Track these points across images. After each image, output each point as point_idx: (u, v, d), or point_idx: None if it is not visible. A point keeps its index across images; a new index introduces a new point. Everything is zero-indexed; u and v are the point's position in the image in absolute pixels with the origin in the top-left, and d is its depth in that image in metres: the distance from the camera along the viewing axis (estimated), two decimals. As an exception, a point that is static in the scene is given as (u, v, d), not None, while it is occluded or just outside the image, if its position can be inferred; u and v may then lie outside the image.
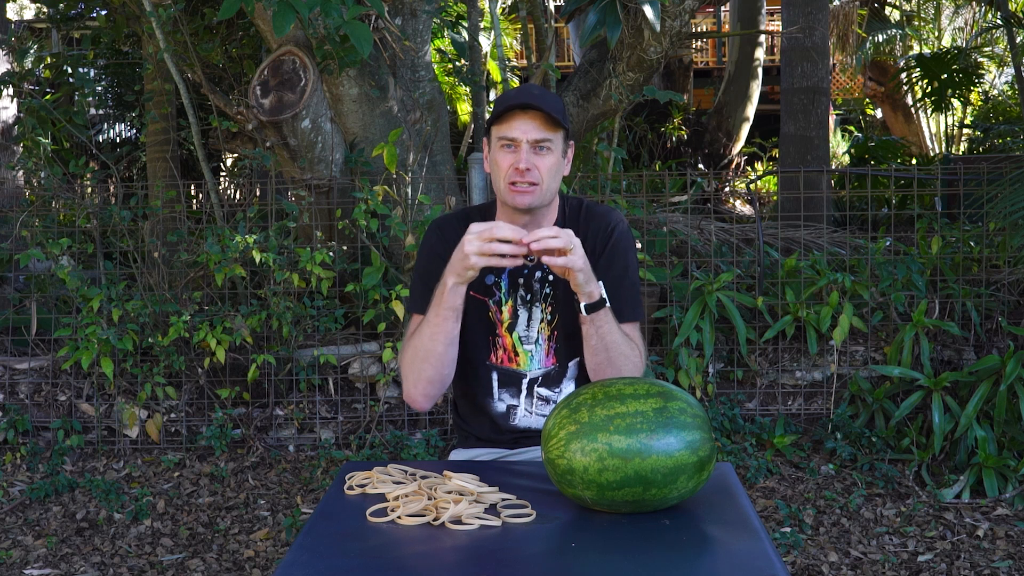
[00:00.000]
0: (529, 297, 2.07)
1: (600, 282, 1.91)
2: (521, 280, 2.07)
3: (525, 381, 2.09)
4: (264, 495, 3.91)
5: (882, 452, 4.01)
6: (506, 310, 2.07)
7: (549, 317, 2.07)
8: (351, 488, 1.79)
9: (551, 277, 2.06)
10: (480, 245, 1.78)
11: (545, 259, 1.81)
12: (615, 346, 1.94)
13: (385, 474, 1.81)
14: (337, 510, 1.70)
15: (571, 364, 2.09)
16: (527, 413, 2.10)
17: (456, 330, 1.94)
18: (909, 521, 3.56)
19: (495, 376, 2.10)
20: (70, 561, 3.42)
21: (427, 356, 1.94)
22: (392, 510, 1.65)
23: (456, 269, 1.85)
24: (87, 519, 3.75)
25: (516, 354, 2.08)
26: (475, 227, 1.80)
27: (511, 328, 2.07)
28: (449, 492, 1.69)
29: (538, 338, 2.07)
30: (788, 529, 3.48)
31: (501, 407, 2.11)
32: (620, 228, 2.08)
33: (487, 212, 2.12)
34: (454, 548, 1.54)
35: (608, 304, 1.91)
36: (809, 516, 3.60)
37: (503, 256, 1.79)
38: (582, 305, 1.90)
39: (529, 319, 2.07)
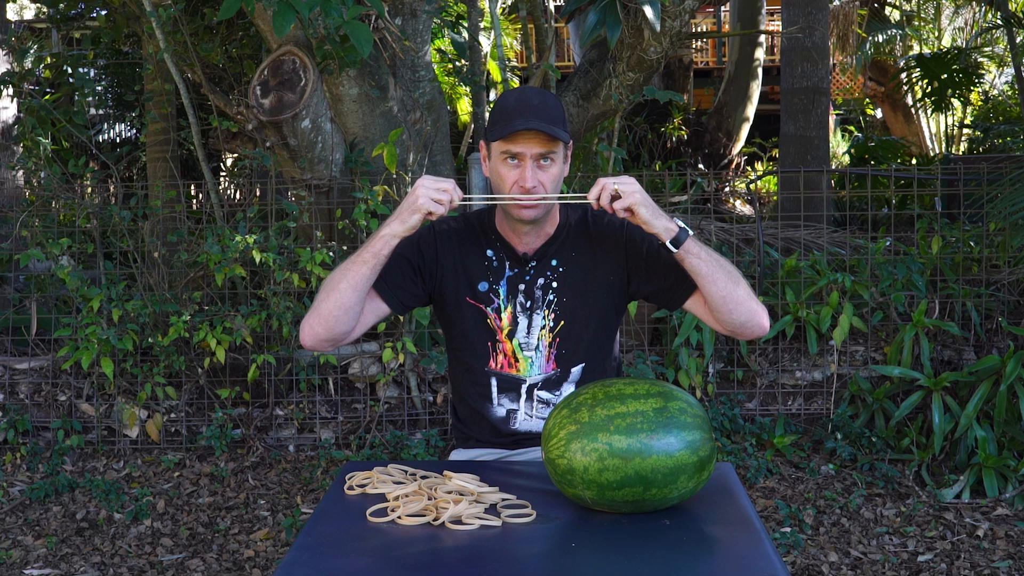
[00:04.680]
0: (529, 304, 2.06)
1: (674, 218, 1.88)
2: (521, 287, 2.06)
3: (524, 386, 2.09)
4: (264, 495, 3.91)
5: (882, 452, 4.01)
6: (505, 317, 2.07)
7: (552, 324, 2.07)
8: (351, 488, 1.79)
9: (555, 284, 2.06)
10: (432, 189, 1.84)
11: (610, 207, 1.85)
12: (723, 263, 1.92)
13: (385, 474, 1.81)
14: (337, 510, 1.70)
15: (574, 370, 2.09)
16: (527, 417, 2.10)
17: (369, 281, 1.92)
18: (909, 521, 3.56)
19: (494, 381, 2.09)
20: (70, 561, 3.42)
21: (331, 289, 1.92)
22: (392, 510, 1.66)
23: (401, 213, 1.87)
24: (87, 519, 3.75)
25: (516, 360, 2.07)
26: (428, 178, 1.87)
27: (511, 335, 2.07)
28: (449, 492, 1.70)
29: (538, 344, 2.07)
30: (788, 529, 3.48)
31: (501, 412, 2.10)
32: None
33: (486, 218, 2.11)
34: (454, 548, 1.54)
35: (691, 232, 1.88)
36: (809, 516, 3.60)
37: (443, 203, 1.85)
38: (667, 243, 1.87)
39: (529, 326, 2.07)
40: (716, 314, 1.94)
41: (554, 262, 2.06)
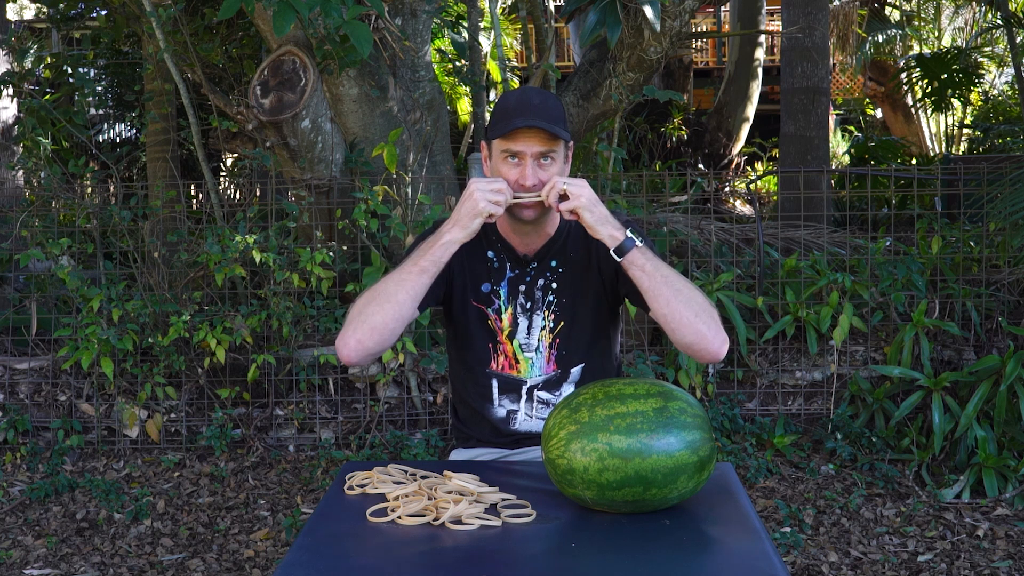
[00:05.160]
0: (529, 305, 2.06)
1: (619, 226, 1.87)
2: (522, 288, 2.06)
3: (525, 387, 2.09)
4: (264, 495, 3.91)
5: (882, 452, 4.01)
6: (506, 318, 2.06)
7: (552, 325, 2.07)
8: (351, 488, 1.79)
9: (554, 285, 2.06)
10: (488, 192, 1.84)
11: (557, 207, 1.88)
12: (673, 280, 1.86)
13: (385, 474, 1.81)
14: (337, 510, 1.70)
15: (573, 370, 2.09)
16: (527, 417, 2.10)
17: (425, 289, 1.88)
18: (909, 521, 3.56)
19: (495, 383, 2.09)
20: (70, 561, 3.42)
21: (385, 300, 1.86)
22: (392, 510, 1.66)
23: (461, 219, 1.86)
24: (87, 519, 3.75)
25: (517, 361, 2.07)
26: (480, 180, 1.87)
27: (511, 336, 2.07)
28: (449, 492, 1.70)
29: (539, 345, 2.07)
30: (788, 529, 3.48)
31: (501, 412, 2.11)
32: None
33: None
34: (454, 548, 1.54)
35: (639, 243, 1.86)
36: (809, 516, 3.60)
37: (500, 203, 1.86)
38: (611, 251, 1.86)
39: (529, 327, 2.07)
40: (663, 329, 1.90)
41: (554, 263, 2.07)
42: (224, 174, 7.26)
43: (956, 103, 9.37)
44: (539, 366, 2.07)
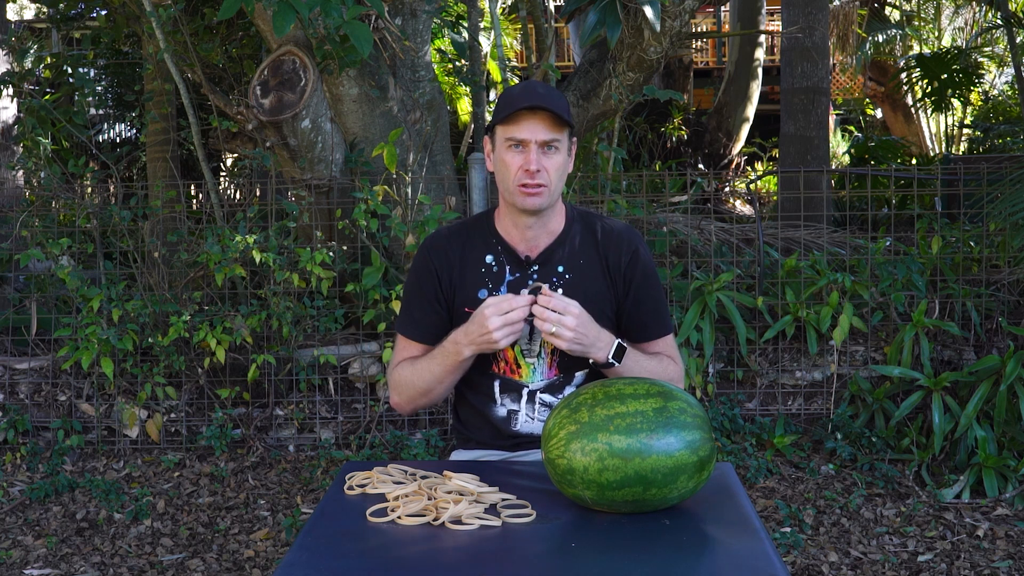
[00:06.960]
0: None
1: (606, 344, 1.94)
2: (524, 292, 2.05)
3: (526, 391, 2.08)
4: (264, 495, 3.91)
5: (882, 452, 4.01)
6: None
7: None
8: (351, 488, 1.79)
9: (559, 291, 2.05)
10: (505, 329, 1.88)
11: (537, 323, 1.90)
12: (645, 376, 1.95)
13: (385, 474, 1.81)
14: (337, 510, 1.70)
15: (577, 374, 2.07)
16: (528, 419, 2.08)
17: (459, 377, 2.04)
18: (909, 521, 3.57)
19: (496, 384, 2.08)
20: (70, 561, 3.42)
21: (426, 394, 2.05)
22: (392, 510, 1.65)
23: (475, 342, 1.92)
24: (87, 519, 3.75)
25: (518, 366, 2.06)
26: (492, 303, 1.88)
27: (513, 342, 2.06)
28: (449, 492, 1.69)
29: (540, 352, 2.06)
30: (788, 529, 3.48)
31: (502, 412, 2.09)
32: (643, 250, 2.09)
33: (486, 221, 2.10)
34: (454, 548, 1.54)
35: (618, 363, 1.95)
36: (809, 516, 3.60)
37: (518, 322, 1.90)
38: (589, 362, 1.98)
39: (531, 333, 2.04)
40: None
41: (561, 268, 2.05)
42: (224, 174, 7.26)
43: (956, 103, 9.37)
44: (541, 372, 2.06)
